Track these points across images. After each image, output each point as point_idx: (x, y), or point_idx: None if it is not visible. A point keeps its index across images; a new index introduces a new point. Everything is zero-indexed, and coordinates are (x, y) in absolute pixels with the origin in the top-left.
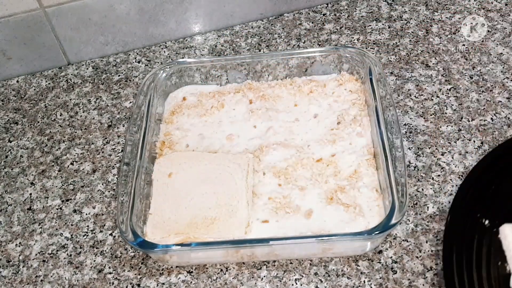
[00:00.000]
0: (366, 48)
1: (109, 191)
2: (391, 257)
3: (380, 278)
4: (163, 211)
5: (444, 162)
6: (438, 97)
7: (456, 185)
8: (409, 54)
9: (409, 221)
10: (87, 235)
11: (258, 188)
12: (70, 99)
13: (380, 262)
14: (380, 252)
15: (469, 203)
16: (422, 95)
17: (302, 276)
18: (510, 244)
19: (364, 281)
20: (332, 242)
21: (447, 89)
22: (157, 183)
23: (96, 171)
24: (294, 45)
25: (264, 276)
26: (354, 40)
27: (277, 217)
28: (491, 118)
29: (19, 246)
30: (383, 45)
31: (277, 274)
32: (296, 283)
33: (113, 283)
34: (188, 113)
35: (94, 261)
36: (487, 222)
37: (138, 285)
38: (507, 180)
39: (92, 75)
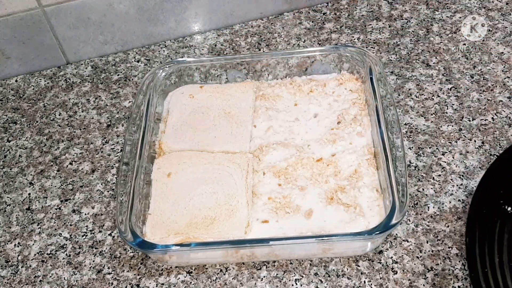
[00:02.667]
0: (367, 47)
1: (108, 191)
2: (392, 257)
3: (380, 278)
4: (162, 211)
5: (445, 162)
6: (438, 96)
7: (457, 185)
8: (409, 53)
9: (409, 221)
10: (86, 235)
11: (258, 188)
12: (69, 99)
13: (380, 262)
14: (381, 252)
15: (492, 190)
16: (422, 94)
17: (302, 276)
18: None
19: (365, 282)
20: (332, 242)
21: (448, 88)
22: (157, 183)
23: (95, 171)
24: (294, 44)
25: (264, 277)
26: (354, 39)
27: (277, 217)
28: (492, 118)
29: (18, 246)
30: (384, 44)
31: (277, 274)
32: (296, 284)
33: (112, 284)
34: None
35: (93, 261)
36: (509, 208)
37: (138, 285)
38: None
39: (91, 74)
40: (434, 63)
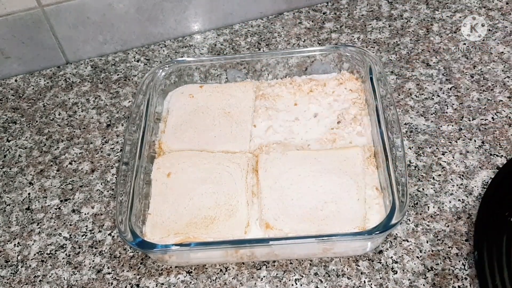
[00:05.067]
0: (367, 47)
1: (108, 191)
2: (392, 257)
3: (380, 278)
4: (162, 211)
5: (445, 161)
6: (438, 96)
7: (457, 185)
8: (409, 53)
9: (409, 221)
10: (86, 235)
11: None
12: (69, 98)
13: (380, 262)
14: (381, 252)
15: (496, 203)
16: (422, 94)
17: (302, 276)
18: None
19: (365, 281)
20: (332, 242)
21: (448, 88)
22: (156, 183)
23: (95, 170)
24: (294, 44)
25: (264, 276)
26: (354, 39)
27: None
28: (492, 118)
29: (18, 246)
30: (384, 44)
31: (277, 274)
32: (296, 283)
33: (112, 283)
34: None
35: (93, 261)
36: None
37: (137, 285)
38: None
39: (91, 74)
40: (434, 62)
